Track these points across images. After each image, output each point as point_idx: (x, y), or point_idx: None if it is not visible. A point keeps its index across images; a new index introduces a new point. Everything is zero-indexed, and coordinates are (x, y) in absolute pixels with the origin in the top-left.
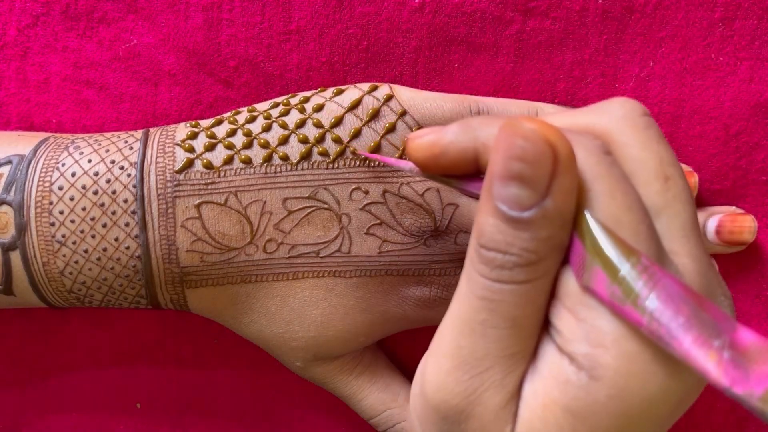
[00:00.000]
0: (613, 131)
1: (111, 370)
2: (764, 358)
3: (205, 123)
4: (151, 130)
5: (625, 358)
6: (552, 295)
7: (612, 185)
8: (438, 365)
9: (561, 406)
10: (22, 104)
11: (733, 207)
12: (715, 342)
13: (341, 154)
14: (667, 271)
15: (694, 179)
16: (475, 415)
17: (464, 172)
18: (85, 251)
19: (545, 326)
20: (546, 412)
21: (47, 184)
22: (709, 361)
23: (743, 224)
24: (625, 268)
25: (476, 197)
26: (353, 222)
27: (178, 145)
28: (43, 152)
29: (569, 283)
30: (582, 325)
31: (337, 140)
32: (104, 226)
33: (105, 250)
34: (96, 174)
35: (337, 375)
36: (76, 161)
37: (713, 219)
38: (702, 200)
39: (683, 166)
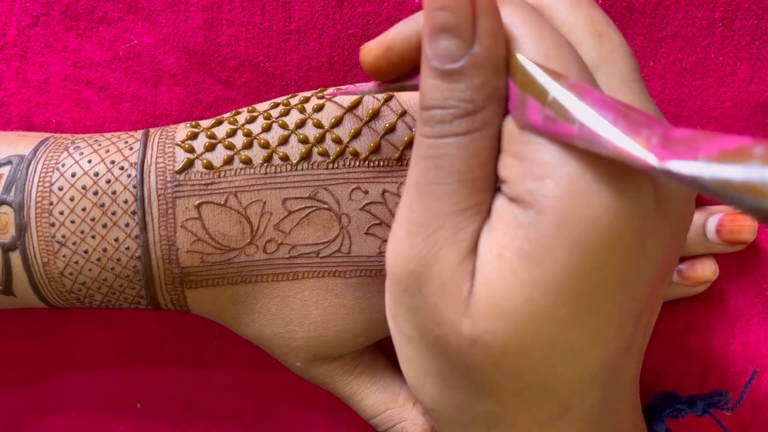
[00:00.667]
0: (542, 1)
1: (111, 370)
2: (697, 141)
3: (205, 123)
4: (151, 130)
5: (566, 182)
6: (498, 151)
7: (540, 28)
8: (395, 236)
9: (514, 252)
10: (22, 104)
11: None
12: (644, 131)
13: (341, 154)
14: (595, 89)
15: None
16: (432, 276)
17: (416, 67)
18: (85, 252)
19: (497, 185)
20: (501, 262)
21: (47, 185)
22: (636, 147)
23: (743, 223)
24: (553, 89)
25: None
26: (353, 222)
27: (178, 145)
28: (43, 153)
29: (509, 128)
30: (524, 163)
31: (337, 140)
32: (104, 226)
33: (105, 250)
34: (96, 174)
35: (337, 375)
36: (76, 162)
37: (713, 218)
38: (702, 200)
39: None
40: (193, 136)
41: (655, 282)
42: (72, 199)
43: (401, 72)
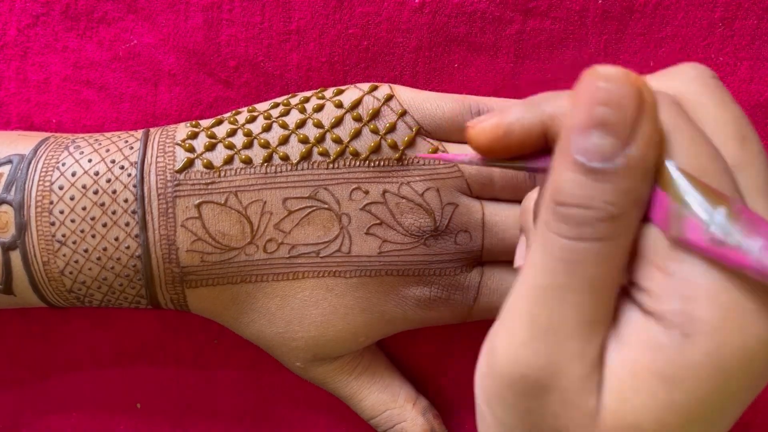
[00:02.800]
0: (687, 92)
1: (111, 370)
2: None
3: (205, 123)
4: (152, 130)
5: (721, 309)
6: (632, 255)
7: (693, 136)
8: (511, 337)
9: (653, 372)
10: (22, 104)
11: None
12: None
13: (341, 154)
14: (763, 217)
15: None
16: (556, 388)
17: (530, 151)
18: (86, 251)
19: (624, 291)
20: (637, 381)
21: (47, 184)
22: None
23: None
24: (720, 212)
25: (544, 172)
26: (353, 222)
27: (178, 144)
28: (44, 152)
29: (654, 238)
30: (672, 280)
31: (337, 140)
32: (104, 225)
33: (105, 249)
34: (96, 174)
35: (337, 375)
36: (77, 161)
37: None
38: None
39: None
40: (194, 136)
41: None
42: (72, 198)
43: (514, 155)
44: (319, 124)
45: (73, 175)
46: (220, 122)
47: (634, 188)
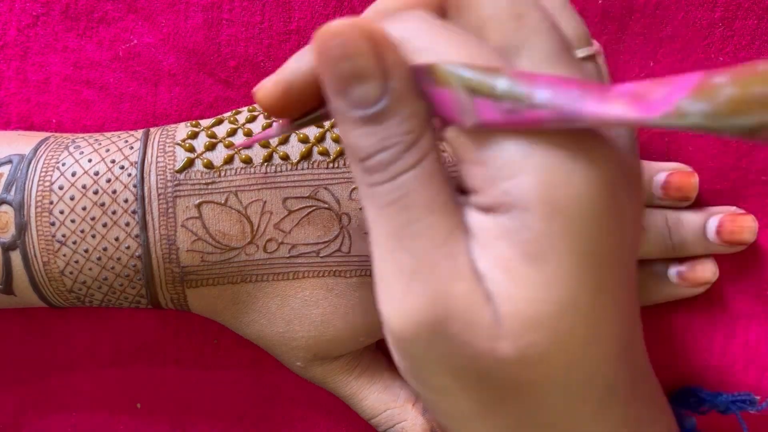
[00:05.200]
0: None
1: (111, 370)
2: (655, 88)
3: (205, 123)
4: (152, 129)
5: (540, 171)
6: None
7: (450, 33)
8: (390, 297)
9: (518, 260)
10: (22, 104)
11: (733, 207)
12: (611, 94)
13: (341, 153)
14: (539, 72)
15: (694, 179)
16: (451, 316)
17: (323, 98)
18: (86, 251)
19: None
20: (510, 275)
21: (47, 184)
22: (615, 108)
23: (744, 224)
24: (500, 82)
25: None
26: (353, 221)
27: (178, 144)
28: (44, 152)
29: (459, 140)
30: (489, 166)
31: (337, 140)
32: (104, 225)
33: (105, 249)
34: (96, 173)
35: (337, 375)
36: (77, 161)
37: (713, 219)
38: (702, 200)
39: (683, 166)
40: (194, 136)
41: (635, 244)
42: (72, 198)
43: (306, 108)
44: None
45: (73, 175)
46: (220, 122)
47: (414, 109)
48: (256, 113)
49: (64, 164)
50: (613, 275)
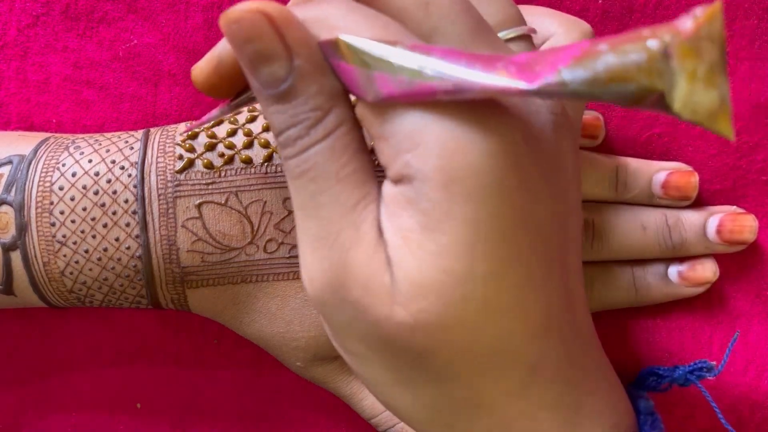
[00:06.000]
0: None
1: (111, 370)
2: (544, 57)
3: None
4: (152, 130)
5: (436, 141)
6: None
7: (367, 15)
8: (303, 263)
9: (415, 229)
10: (22, 104)
11: (734, 207)
12: (498, 65)
13: None
14: (433, 45)
15: (694, 179)
16: (350, 280)
17: None
18: (86, 251)
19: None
20: (407, 242)
21: (48, 184)
22: (503, 79)
23: (744, 224)
24: (397, 54)
25: None
26: None
27: (178, 144)
28: (44, 152)
29: (366, 115)
30: (391, 140)
31: None
32: (105, 226)
33: (106, 250)
34: (96, 174)
35: (337, 375)
36: (77, 161)
37: (713, 219)
38: (702, 200)
39: (683, 165)
40: (194, 136)
41: (558, 220)
42: (72, 199)
43: (240, 86)
44: None
45: (74, 175)
46: (220, 122)
47: (320, 86)
48: (256, 113)
49: (64, 165)
50: (522, 249)
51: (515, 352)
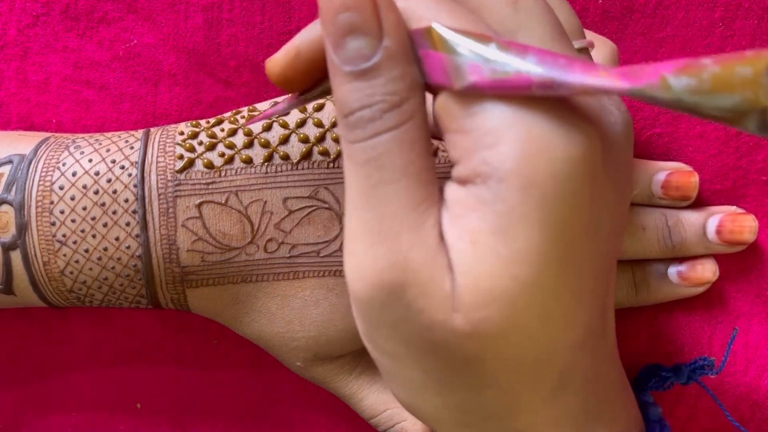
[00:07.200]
0: None
1: (111, 370)
2: (643, 67)
3: (205, 123)
4: (152, 129)
5: (519, 141)
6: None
7: (453, 8)
8: (352, 255)
9: (487, 232)
10: (22, 104)
11: (734, 207)
12: (599, 67)
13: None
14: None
15: (694, 179)
16: (408, 283)
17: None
18: (86, 251)
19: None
20: (476, 247)
21: (48, 184)
22: (600, 78)
23: (744, 224)
24: (492, 47)
25: None
26: None
27: (178, 144)
28: (44, 152)
29: (446, 107)
30: (471, 135)
31: (337, 140)
32: (105, 225)
33: (106, 249)
34: (97, 174)
35: (337, 375)
36: (77, 161)
37: (713, 219)
38: (702, 200)
39: (683, 165)
40: (194, 136)
41: (614, 234)
42: (73, 198)
43: (313, 80)
44: (319, 124)
45: (74, 175)
46: (220, 122)
47: (403, 72)
48: (256, 113)
49: (64, 164)
50: (583, 260)
51: (554, 361)
